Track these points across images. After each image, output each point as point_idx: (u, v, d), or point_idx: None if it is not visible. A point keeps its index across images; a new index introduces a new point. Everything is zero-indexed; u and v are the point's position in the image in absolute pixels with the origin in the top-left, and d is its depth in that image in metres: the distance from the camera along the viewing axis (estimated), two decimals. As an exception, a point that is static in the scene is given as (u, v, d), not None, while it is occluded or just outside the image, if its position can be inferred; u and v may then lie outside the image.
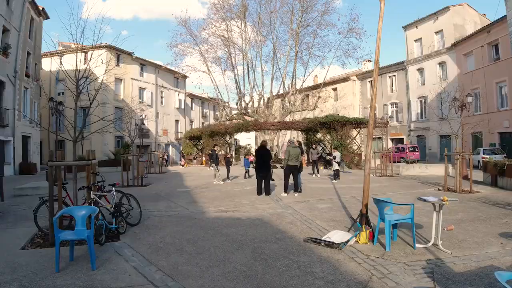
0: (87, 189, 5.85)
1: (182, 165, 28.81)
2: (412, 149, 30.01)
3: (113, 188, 6.48)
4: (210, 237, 5.46)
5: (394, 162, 21.12)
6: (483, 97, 27.53)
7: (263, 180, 9.89)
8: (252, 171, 17.30)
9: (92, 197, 5.86)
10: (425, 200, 5.15)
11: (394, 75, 37.25)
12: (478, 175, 14.97)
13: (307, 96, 34.98)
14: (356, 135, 24.94)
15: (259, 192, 9.88)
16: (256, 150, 10.63)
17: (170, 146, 41.07)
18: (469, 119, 29.28)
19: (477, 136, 28.41)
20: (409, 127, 35.19)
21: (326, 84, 36.41)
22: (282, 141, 44.08)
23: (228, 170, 14.63)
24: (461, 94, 18.18)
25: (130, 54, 35.54)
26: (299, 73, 58.20)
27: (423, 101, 33.92)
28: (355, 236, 5.14)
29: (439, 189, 11.59)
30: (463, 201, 8.79)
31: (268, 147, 17.47)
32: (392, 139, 36.50)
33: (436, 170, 17.78)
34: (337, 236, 5.13)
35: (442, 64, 31.98)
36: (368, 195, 5.53)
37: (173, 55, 62.30)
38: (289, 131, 37.11)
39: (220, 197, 9.72)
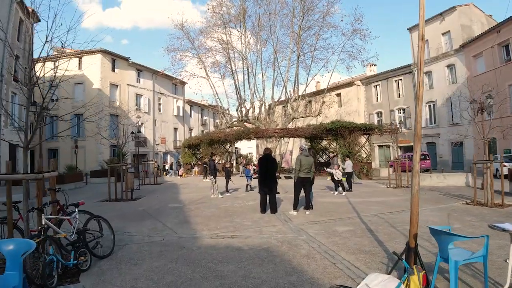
0: (38, 211, 4.38)
1: (180, 176, 27.27)
2: (423, 157, 28.38)
3: (76, 210, 4.99)
4: (199, 281, 3.94)
5: (405, 171, 19.59)
6: (495, 101, 26.00)
7: (267, 195, 8.39)
8: (255, 182, 15.85)
9: (43, 222, 4.36)
10: (503, 230, 3.62)
11: (401, 79, 35.87)
12: (499, 184, 13.43)
13: (310, 102, 33.58)
14: (365, 142, 23.42)
15: (263, 210, 8.38)
16: (259, 159, 9.13)
17: (169, 155, 39.60)
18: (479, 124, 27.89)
19: (490, 143, 26.86)
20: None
21: (329, 89, 35.06)
22: (284, 149, 42.54)
23: (227, 182, 13.08)
24: (480, 96, 16.75)
25: (126, 59, 34.37)
26: (302, 78, 57.11)
27: (431, 105, 32.49)
28: (403, 282, 3.62)
29: (467, 203, 10.09)
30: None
31: (273, 155, 16.01)
32: (400, 147, 34.88)
33: (454, 180, 16.43)
34: (377, 282, 3.61)
35: (450, 67, 30.62)
36: (418, 221, 4.00)
37: (170, 60, 61.15)
38: (292, 139, 35.70)
39: (217, 216, 8.20)
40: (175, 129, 41.49)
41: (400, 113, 35.93)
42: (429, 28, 32.32)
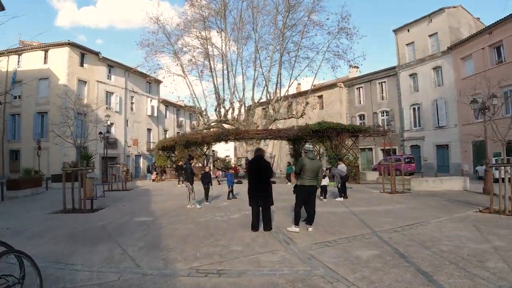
0: None
1: (153, 180, 25.03)
2: (408, 160, 27.52)
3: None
4: None
5: (397, 175, 18.33)
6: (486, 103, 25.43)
7: (260, 209, 6.64)
8: (239, 189, 13.98)
9: None
10: None
11: (384, 81, 35.08)
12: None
13: (291, 104, 32.11)
14: (352, 144, 22.08)
15: (255, 227, 6.60)
16: (249, 162, 7.33)
17: (141, 158, 37.05)
18: (468, 127, 27.32)
19: (478, 146, 26.31)
20: (401, 136, 32.85)
21: (312, 91, 33.81)
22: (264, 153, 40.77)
23: (208, 189, 11.14)
24: (487, 95, 15.90)
25: (96, 53, 31.75)
26: (284, 79, 55.65)
27: (416, 108, 31.78)
28: None
29: (481, 211, 8.83)
30: None
31: (268, 158, 14.31)
32: (382, 150, 33.92)
33: (451, 184, 15.34)
34: None
35: (437, 69, 29.99)
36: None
37: (143, 55, 58.39)
38: (272, 142, 34.11)
39: (196, 236, 6.32)
40: (149, 130, 38.95)
41: (383, 116, 35.08)
42: (416, 30, 31.74)
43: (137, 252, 5.16)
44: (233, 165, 32.84)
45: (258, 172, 6.69)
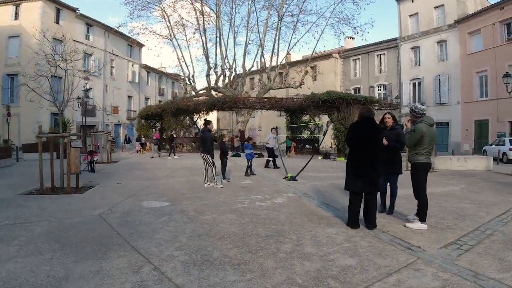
0: None
1: (138, 151, 22.44)
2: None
3: None
4: None
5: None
6: (492, 81, 24.18)
7: (362, 195, 4.57)
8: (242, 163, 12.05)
9: None
10: None
11: (384, 54, 33.15)
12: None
13: (287, 73, 29.74)
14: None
15: (354, 223, 4.55)
16: (354, 126, 4.78)
17: (121, 127, 34.00)
18: (470, 105, 26.16)
19: (481, 125, 25.28)
20: (400, 112, 31.44)
21: (304, 61, 31.54)
22: (252, 125, 38.55)
23: (225, 163, 8.93)
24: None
25: (74, 10, 27.96)
26: (281, 45, 52.03)
27: (417, 83, 30.28)
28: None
29: None
30: None
31: (271, 135, 12.72)
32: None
33: (474, 164, 14.15)
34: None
35: (441, 43, 28.30)
36: None
37: (128, 12, 53.77)
38: (259, 114, 31.90)
39: (256, 235, 4.16)
40: (130, 97, 35.65)
41: (381, 90, 33.48)
42: (420, 1, 29.67)
43: (185, 274, 2.97)
44: (231, 136, 30.27)
45: (367, 142, 4.52)
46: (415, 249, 3.73)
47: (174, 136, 20.49)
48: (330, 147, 27.29)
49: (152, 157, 17.45)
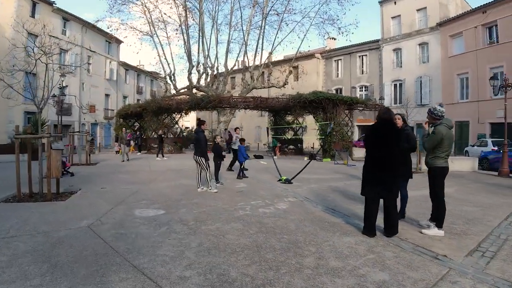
0: None
1: (117, 152, 21.53)
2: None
3: None
4: None
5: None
6: (473, 83, 24.79)
7: (379, 200, 4.31)
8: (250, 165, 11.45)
9: None
10: None
11: (366, 55, 33.54)
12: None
13: (270, 73, 29.46)
14: (345, 117, 20.19)
15: (371, 230, 4.27)
16: (373, 129, 4.51)
17: (98, 127, 32.74)
18: (451, 106, 26.71)
19: (462, 126, 25.86)
20: (382, 113, 31.76)
21: (287, 61, 31.33)
22: (231, 126, 37.91)
23: (219, 166, 8.47)
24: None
25: (50, 3, 26.64)
26: (265, 44, 52.01)
27: (398, 85, 30.73)
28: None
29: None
30: None
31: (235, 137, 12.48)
32: (359, 126, 32.75)
33: (461, 165, 14.21)
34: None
35: (423, 45, 28.88)
36: None
37: (108, 7, 52.37)
38: (239, 114, 31.41)
39: (270, 248, 3.75)
40: (107, 95, 34.37)
41: (362, 90, 33.80)
42: (403, 3, 30.11)
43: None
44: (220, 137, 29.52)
45: (386, 145, 4.22)
46: (442, 259, 3.51)
47: (163, 136, 19.71)
48: (312, 147, 27.21)
49: (123, 161, 15.50)
